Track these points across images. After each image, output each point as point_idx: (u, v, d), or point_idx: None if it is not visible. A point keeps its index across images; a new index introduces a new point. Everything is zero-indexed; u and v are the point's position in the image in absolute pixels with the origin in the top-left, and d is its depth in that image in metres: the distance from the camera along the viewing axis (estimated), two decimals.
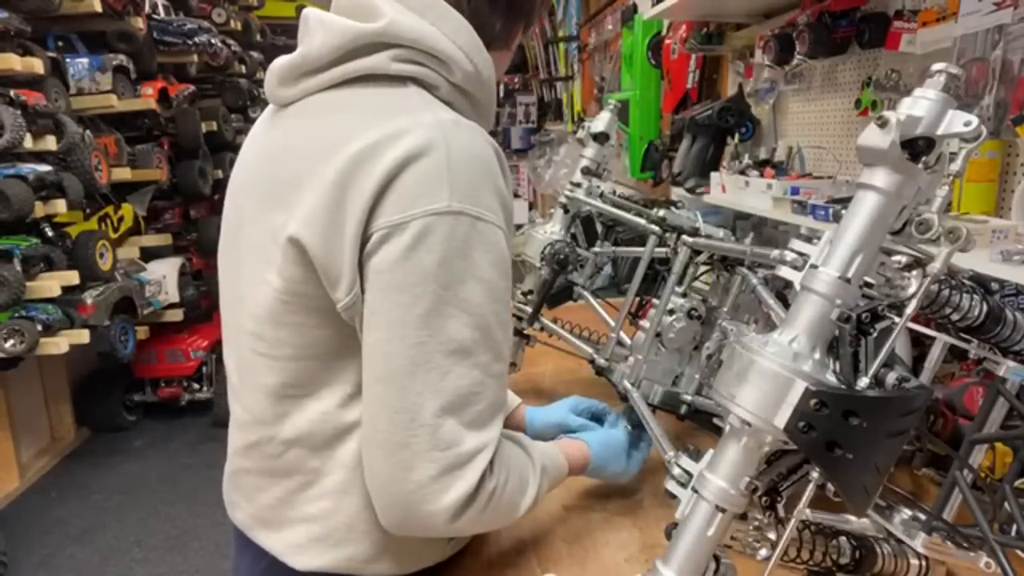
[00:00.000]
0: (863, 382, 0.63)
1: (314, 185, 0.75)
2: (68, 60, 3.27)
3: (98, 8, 3.13)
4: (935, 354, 1.04)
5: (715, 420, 1.04)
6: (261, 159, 0.86)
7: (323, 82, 0.81)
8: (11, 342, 2.81)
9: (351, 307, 0.75)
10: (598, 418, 1.23)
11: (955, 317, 0.89)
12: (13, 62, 2.73)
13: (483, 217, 0.74)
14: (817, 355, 0.64)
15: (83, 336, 3.06)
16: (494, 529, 0.98)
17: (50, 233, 3.02)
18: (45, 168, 2.89)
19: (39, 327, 2.89)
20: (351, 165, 0.73)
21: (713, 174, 2.10)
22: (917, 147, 0.62)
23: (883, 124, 0.61)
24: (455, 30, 0.79)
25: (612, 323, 1.28)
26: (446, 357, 0.73)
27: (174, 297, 3.92)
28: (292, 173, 0.78)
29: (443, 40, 0.78)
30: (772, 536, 0.67)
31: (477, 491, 0.75)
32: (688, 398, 1.14)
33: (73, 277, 3.00)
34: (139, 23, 3.58)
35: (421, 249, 0.71)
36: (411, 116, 0.75)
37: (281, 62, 0.84)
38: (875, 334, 0.65)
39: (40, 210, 2.86)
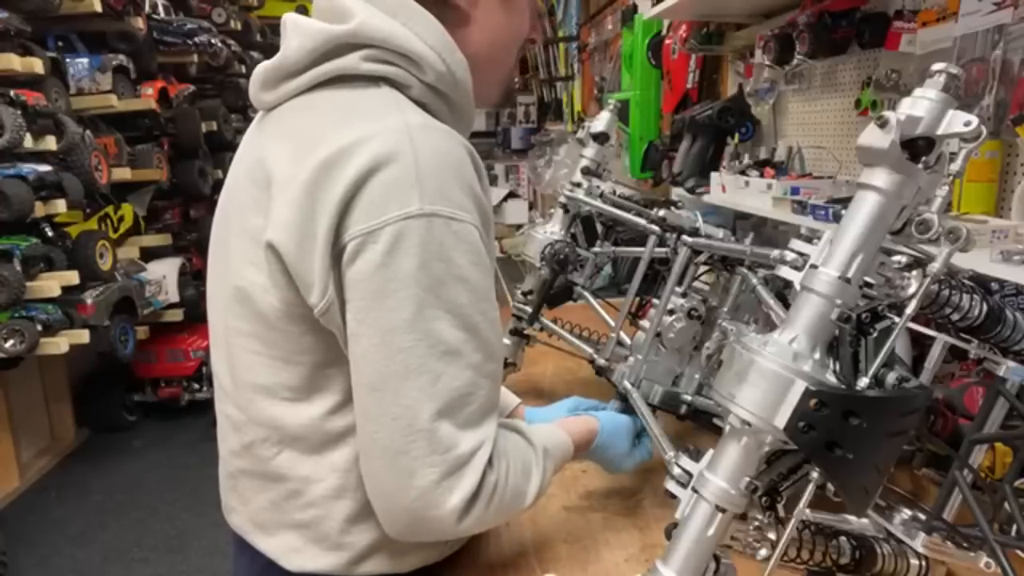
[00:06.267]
0: (863, 382, 0.63)
1: (286, 189, 0.75)
2: (68, 60, 3.27)
3: (98, 8, 3.13)
4: (935, 354, 1.04)
5: (715, 420, 1.03)
6: (244, 165, 0.86)
7: (301, 85, 0.81)
8: (11, 342, 2.81)
9: (326, 312, 0.75)
10: None
11: (955, 317, 0.89)
12: (13, 62, 2.73)
13: (457, 217, 0.73)
14: (817, 355, 0.63)
15: (83, 336, 3.05)
16: (505, 521, 0.98)
17: (50, 233, 3.02)
18: (45, 168, 2.89)
19: (39, 327, 2.89)
20: (320, 170, 0.73)
21: (713, 174, 2.10)
22: (917, 147, 0.62)
23: (883, 124, 0.61)
24: (426, 30, 0.79)
25: (612, 323, 1.28)
26: (437, 360, 0.72)
27: (174, 297, 3.91)
28: (266, 176, 0.78)
29: (413, 39, 0.78)
30: (772, 536, 0.67)
31: (480, 489, 0.75)
32: (688, 398, 1.14)
33: (73, 277, 2.99)
34: (139, 23, 3.57)
35: (398, 254, 0.71)
36: (379, 120, 0.75)
37: (262, 67, 0.85)
38: (875, 334, 0.65)
39: (40, 210, 2.85)
